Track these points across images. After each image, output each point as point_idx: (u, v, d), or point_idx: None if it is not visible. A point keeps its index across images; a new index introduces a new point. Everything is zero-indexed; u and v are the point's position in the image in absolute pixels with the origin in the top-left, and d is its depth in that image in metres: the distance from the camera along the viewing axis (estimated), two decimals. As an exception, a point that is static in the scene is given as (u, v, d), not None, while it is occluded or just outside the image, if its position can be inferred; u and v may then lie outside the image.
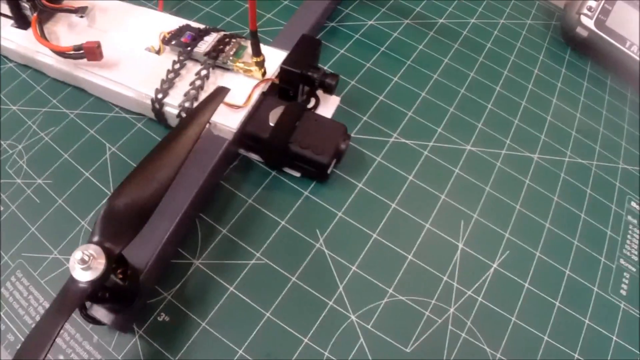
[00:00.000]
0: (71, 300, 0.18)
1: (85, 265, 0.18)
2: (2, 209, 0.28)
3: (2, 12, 0.34)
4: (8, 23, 0.34)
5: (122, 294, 0.21)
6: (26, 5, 0.32)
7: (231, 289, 0.24)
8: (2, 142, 0.31)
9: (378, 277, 0.25)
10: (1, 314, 0.24)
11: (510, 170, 0.30)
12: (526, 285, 0.26)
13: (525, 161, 0.31)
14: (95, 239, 0.19)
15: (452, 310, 0.24)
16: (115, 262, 0.20)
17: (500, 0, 0.41)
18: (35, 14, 0.32)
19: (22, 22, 0.33)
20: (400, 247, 0.26)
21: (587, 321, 0.25)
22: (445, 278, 0.25)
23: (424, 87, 0.33)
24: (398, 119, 0.31)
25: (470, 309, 0.25)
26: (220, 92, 0.25)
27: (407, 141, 0.30)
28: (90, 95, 0.32)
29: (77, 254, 0.19)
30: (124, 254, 0.21)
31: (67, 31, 0.32)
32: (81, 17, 0.32)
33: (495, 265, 0.26)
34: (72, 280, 0.18)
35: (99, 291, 0.20)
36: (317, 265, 0.25)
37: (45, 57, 0.31)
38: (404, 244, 0.26)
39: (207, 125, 0.26)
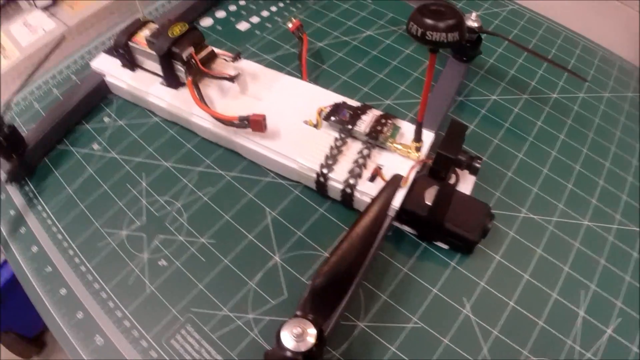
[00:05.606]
0: None
1: (299, 338, 0.23)
2: (166, 264, 0.32)
3: (149, 69, 0.38)
4: (156, 80, 0.37)
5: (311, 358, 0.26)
6: (181, 68, 0.36)
7: (392, 349, 0.29)
8: (159, 198, 0.35)
9: (515, 341, 0.30)
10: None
11: (622, 245, 0.35)
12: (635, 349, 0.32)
13: (634, 235, 0.36)
14: (303, 313, 0.24)
15: (575, 372, 0.30)
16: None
17: (604, 72, 0.46)
18: (190, 78, 0.35)
19: (172, 82, 0.37)
20: (533, 314, 0.31)
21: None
22: (569, 342, 0.31)
23: (545, 164, 0.38)
24: (525, 195, 0.36)
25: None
26: (395, 180, 0.29)
27: (534, 216, 0.35)
28: (243, 159, 0.36)
29: (296, 330, 0.23)
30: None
31: (219, 96, 0.36)
32: (232, 82, 0.36)
33: (609, 332, 0.32)
34: (282, 350, 0.23)
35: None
36: (464, 329, 0.30)
37: (200, 120, 0.35)
38: (535, 311, 0.32)
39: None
